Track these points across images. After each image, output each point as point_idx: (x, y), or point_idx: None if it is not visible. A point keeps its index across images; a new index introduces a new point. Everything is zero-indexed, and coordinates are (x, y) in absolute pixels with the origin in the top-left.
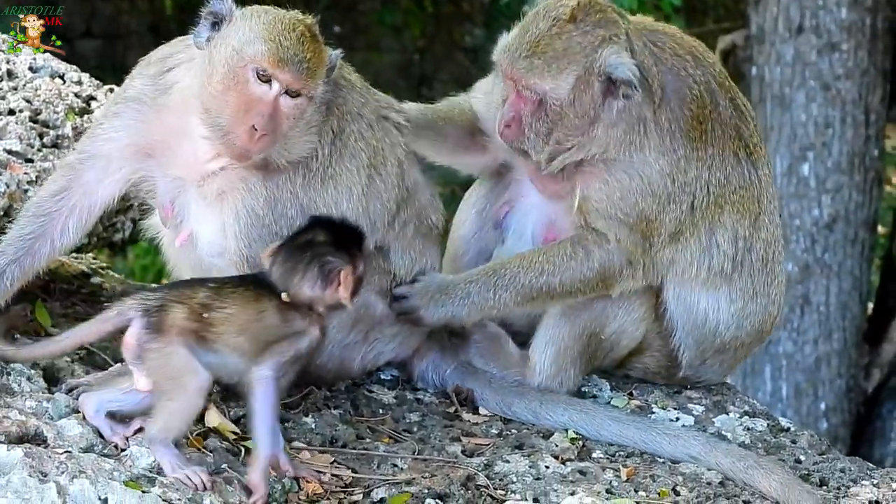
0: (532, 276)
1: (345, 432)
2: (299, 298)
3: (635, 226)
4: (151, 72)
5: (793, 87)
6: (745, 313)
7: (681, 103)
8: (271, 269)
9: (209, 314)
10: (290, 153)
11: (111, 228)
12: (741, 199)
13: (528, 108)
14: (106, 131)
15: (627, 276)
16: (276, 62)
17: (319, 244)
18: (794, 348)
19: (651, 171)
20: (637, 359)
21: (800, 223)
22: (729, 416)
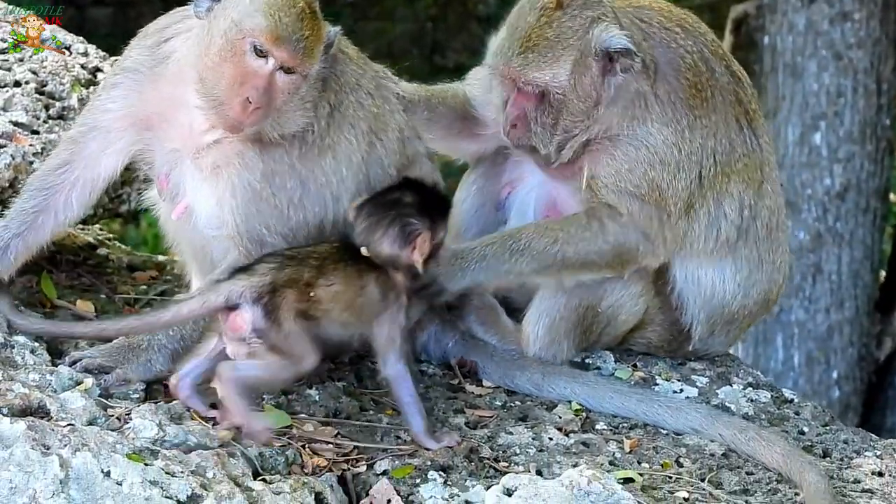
0: (547, 242)
1: (348, 404)
2: (378, 254)
3: (647, 197)
4: (149, 42)
5: (805, 56)
6: (750, 282)
7: (676, 74)
8: (355, 221)
9: (315, 292)
10: (282, 127)
11: (117, 200)
12: (745, 167)
13: (532, 104)
14: (104, 102)
15: (645, 252)
16: (274, 39)
17: (406, 205)
18: (806, 317)
19: (656, 140)
20: (639, 334)
21: (811, 192)
22: (732, 388)
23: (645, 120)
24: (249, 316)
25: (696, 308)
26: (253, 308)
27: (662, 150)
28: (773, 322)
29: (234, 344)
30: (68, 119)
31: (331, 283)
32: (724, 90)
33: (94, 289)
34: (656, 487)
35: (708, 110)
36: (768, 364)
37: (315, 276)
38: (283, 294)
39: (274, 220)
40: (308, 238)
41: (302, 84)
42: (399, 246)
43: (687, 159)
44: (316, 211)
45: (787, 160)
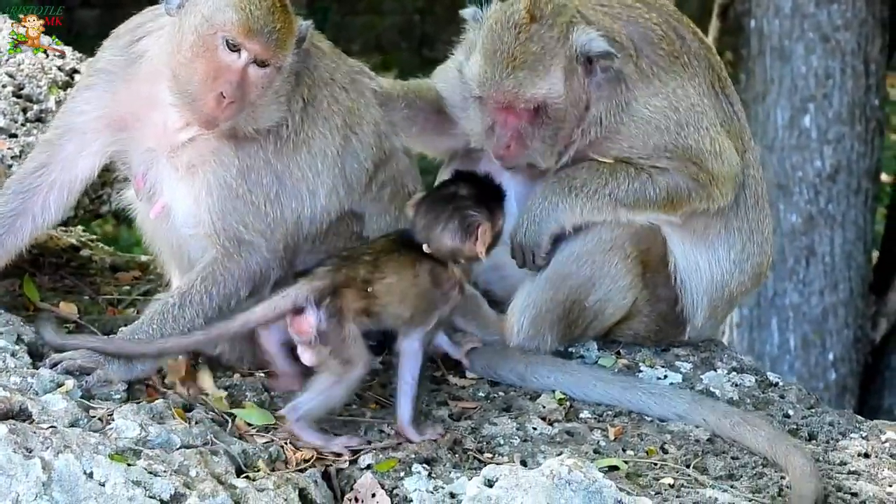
0: (600, 182)
1: None
2: (439, 249)
3: (674, 155)
4: (122, 42)
5: (792, 38)
6: (745, 255)
7: (652, 47)
8: (415, 218)
9: (372, 288)
10: (257, 121)
11: (97, 201)
12: (728, 133)
13: (526, 121)
14: (78, 104)
15: (699, 196)
16: (246, 32)
17: (462, 198)
18: (801, 300)
19: (652, 111)
20: (626, 325)
21: (802, 175)
22: (717, 373)
23: (630, 101)
24: (313, 319)
25: (698, 294)
26: (316, 311)
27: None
28: (767, 306)
29: (304, 349)
30: (46, 121)
31: (384, 275)
32: (697, 56)
33: (77, 290)
34: (641, 474)
35: (690, 74)
36: (764, 348)
37: (370, 271)
38: (343, 294)
39: (251, 216)
40: (286, 235)
41: (275, 77)
42: (461, 239)
43: (688, 112)
44: (293, 206)
45: (777, 143)
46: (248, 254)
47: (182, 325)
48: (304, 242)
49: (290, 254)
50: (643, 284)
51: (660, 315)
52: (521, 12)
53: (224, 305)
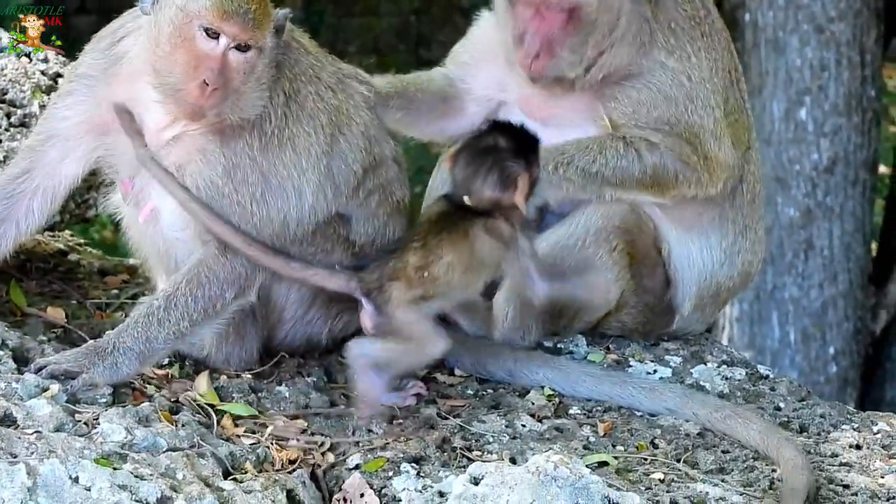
0: (587, 160)
1: (318, 400)
2: (480, 201)
3: (674, 130)
4: (102, 45)
5: (786, 30)
6: (735, 249)
7: (674, 4)
8: (453, 171)
9: (428, 272)
10: (242, 110)
11: (84, 205)
12: (736, 123)
13: (558, 27)
14: (60, 110)
15: (686, 180)
16: (221, 15)
17: (501, 149)
18: (800, 293)
19: (664, 74)
20: (614, 317)
21: (799, 168)
22: (707, 367)
23: (651, 47)
24: (367, 314)
25: (688, 283)
26: (367, 303)
27: (671, 84)
28: (767, 300)
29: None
30: (30, 126)
31: (441, 255)
32: (719, 34)
33: (65, 295)
34: (631, 470)
35: (708, 45)
36: (764, 342)
37: (422, 256)
38: (390, 288)
39: (237, 217)
40: (273, 236)
41: (256, 61)
42: (501, 189)
43: (699, 87)
44: (279, 206)
45: (774, 136)
46: (233, 255)
47: (167, 327)
48: (291, 245)
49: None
50: (630, 276)
51: (647, 306)
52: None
53: (209, 308)
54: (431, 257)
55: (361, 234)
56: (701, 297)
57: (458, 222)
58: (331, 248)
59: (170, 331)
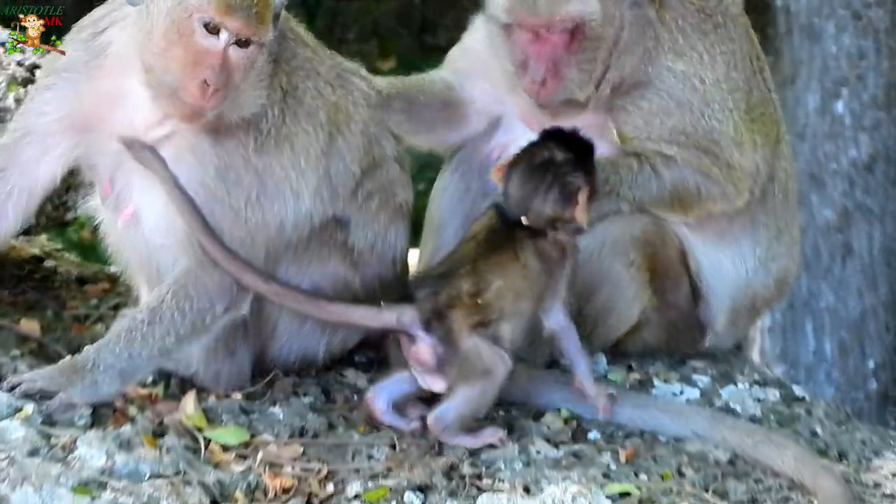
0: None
1: (315, 422)
2: (538, 220)
3: (690, 141)
4: (83, 35)
5: (821, 16)
6: (770, 255)
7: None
8: (506, 189)
9: (482, 298)
10: (242, 108)
11: (62, 207)
12: (762, 116)
13: (561, 47)
14: (38, 105)
15: (710, 196)
16: (224, 9)
17: (559, 163)
18: (837, 302)
19: (674, 79)
20: (635, 335)
21: (836, 166)
22: (737, 387)
23: (657, 53)
24: (428, 346)
25: (720, 296)
26: (428, 337)
27: (682, 89)
28: (800, 309)
29: (428, 378)
30: (5, 122)
31: (491, 280)
32: (735, 21)
33: (41, 305)
34: (655, 500)
35: (722, 37)
36: (798, 355)
37: (474, 282)
38: (450, 314)
39: (230, 222)
40: (268, 242)
41: (258, 57)
42: (562, 206)
43: (714, 88)
44: (275, 209)
45: (808, 131)
46: None
47: (152, 343)
48: (286, 251)
49: (271, 263)
50: (651, 291)
51: (671, 323)
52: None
53: (197, 322)
54: (482, 283)
55: (361, 238)
56: (735, 311)
57: (508, 243)
58: (328, 255)
59: (154, 347)
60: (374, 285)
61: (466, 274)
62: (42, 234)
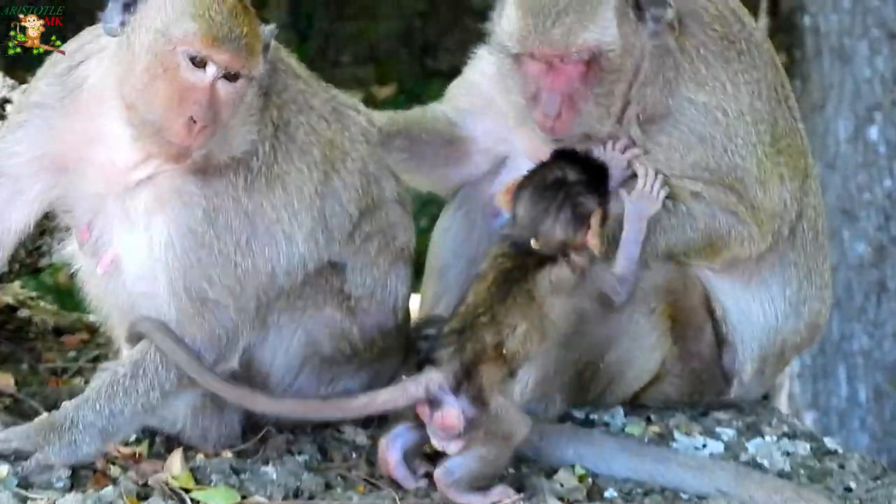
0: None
1: (311, 482)
2: (549, 244)
3: (714, 177)
4: (58, 70)
5: (853, 37)
6: (801, 297)
7: (701, 27)
8: (515, 211)
9: (506, 348)
10: (231, 147)
11: (35, 253)
12: (789, 148)
13: (577, 79)
14: (9, 145)
15: (739, 237)
16: (211, 41)
17: (571, 184)
18: (872, 343)
19: (696, 111)
20: (655, 388)
21: (870, 197)
22: (765, 440)
23: (678, 83)
24: (457, 410)
25: (748, 344)
26: (456, 400)
27: (704, 122)
28: (833, 352)
29: (448, 442)
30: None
31: (513, 326)
32: (759, 48)
33: (15, 358)
34: None
35: (746, 65)
36: (830, 401)
37: (496, 331)
38: (479, 372)
39: (218, 269)
40: (258, 290)
41: (247, 91)
42: (573, 229)
43: (738, 121)
44: (267, 254)
45: (840, 160)
46: (212, 315)
47: (135, 399)
48: (279, 298)
49: (262, 313)
50: (672, 341)
51: (694, 374)
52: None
53: (184, 376)
54: (505, 330)
55: (358, 284)
56: (764, 359)
57: (522, 281)
58: (323, 302)
59: (137, 403)
60: (373, 334)
61: (486, 324)
62: (15, 281)
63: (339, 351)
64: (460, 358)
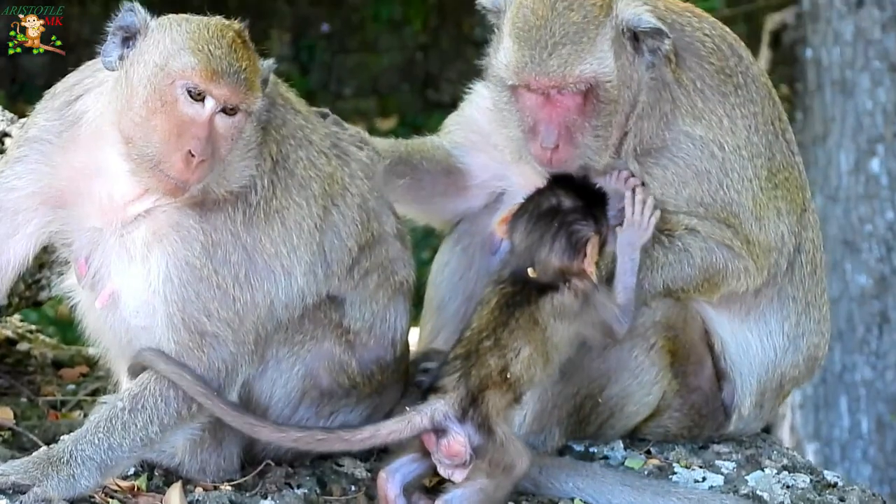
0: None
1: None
2: (545, 272)
3: (710, 212)
4: (57, 104)
5: (855, 69)
6: (799, 331)
7: (698, 60)
8: (511, 239)
9: (511, 372)
10: (229, 182)
11: (35, 286)
12: (786, 181)
13: (574, 111)
14: (8, 180)
15: (736, 271)
16: (210, 76)
17: (566, 211)
18: (874, 374)
19: (692, 145)
20: (654, 422)
21: (872, 228)
22: (765, 473)
23: (675, 116)
24: (463, 438)
25: (747, 378)
26: (462, 427)
27: (700, 156)
28: (834, 382)
29: (453, 469)
30: None
31: (517, 350)
32: (757, 81)
33: (14, 391)
34: None
35: (743, 98)
36: (832, 432)
37: (500, 355)
38: (484, 398)
39: (217, 303)
40: (257, 324)
41: (245, 126)
42: (569, 257)
43: (734, 156)
44: (266, 289)
45: (842, 192)
46: (211, 348)
47: (133, 433)
48: (276, 332)
49: (260, 346)
50: (672, 376)
51: (693, 408)
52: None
53: (183, 410)
54: (509, 355)
55: (357, 318)
56: (762, 393)
57: (525, 305)
58: (321, 335)
59: (136, 437)
60: (372, 367)
61: (491, 348)
62: (15, 314)
63: (338, 384)
64: (466, 384)
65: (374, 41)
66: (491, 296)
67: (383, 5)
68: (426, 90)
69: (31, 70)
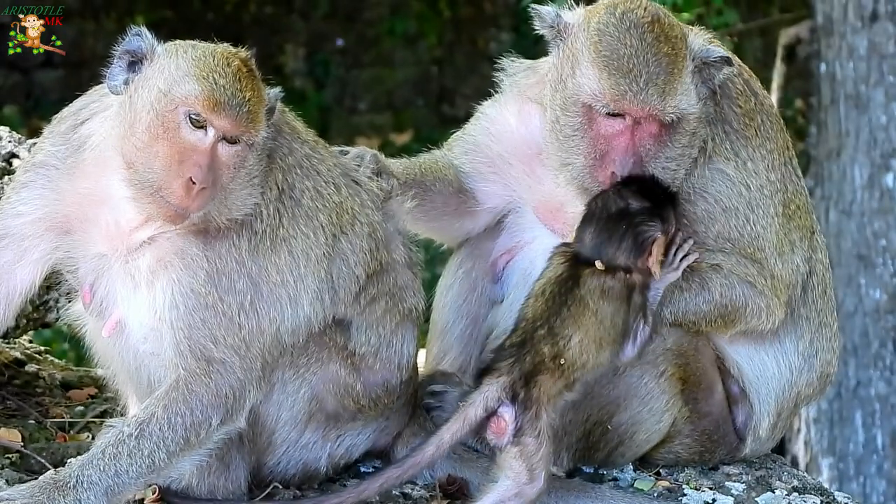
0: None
1: None
2: (613, 266)
3: (735, 247)
4: (63, 128)
5: (869, 84)
6: (813, 350)
7: (729, 101)
8: (581, 238)
9: (564, 358)
10: (231, 210)
11: (42, 308)
12: (798, 210)
13: (652, 141)
14: (14, 206)
15: (757, 309)
16: (212, 105)
17: (635, 213)
18: (889, 389)
19: (721, 184)
20: (665, 448)
21: (886, 243)
22: (775, 494)
23: (711, 155)
24: (510, 415)
25: (765, 400)
26: (511, 407)
27: (730, 194)
28: (849, 398)
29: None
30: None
31: (569, 336)
32: (771, 116)
33: (22, 413)
34: None
35: (763, 139)
36: (847, 447)
37: (553, 342)
38: (537, 383)
39: (222, 330)
40: (263, 350)
41: (248, 155)
42: (636, 256)
43: (758, 194)
44: (272, 316)
45: (856, 207)
46: (218, 374)
47: (140, 459)
48: (282, 356)
49: (267, 371)
50: (682, 403)
51: (704, 433)
52: (641, 10)
53: (191, 436)
54: (561, 341)
55: (362, 342)
56: (779, 413)
57: (576, 290)
58: (327, 358)
59: (142, 463)
60: (378, 391)
61: (545, 335)
62: (23, 335)
63: (343, 406)
64: (520, 368)
65: (388, 56)
66: (545, 286)
67: (398, 20)
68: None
69: (46, 85)
